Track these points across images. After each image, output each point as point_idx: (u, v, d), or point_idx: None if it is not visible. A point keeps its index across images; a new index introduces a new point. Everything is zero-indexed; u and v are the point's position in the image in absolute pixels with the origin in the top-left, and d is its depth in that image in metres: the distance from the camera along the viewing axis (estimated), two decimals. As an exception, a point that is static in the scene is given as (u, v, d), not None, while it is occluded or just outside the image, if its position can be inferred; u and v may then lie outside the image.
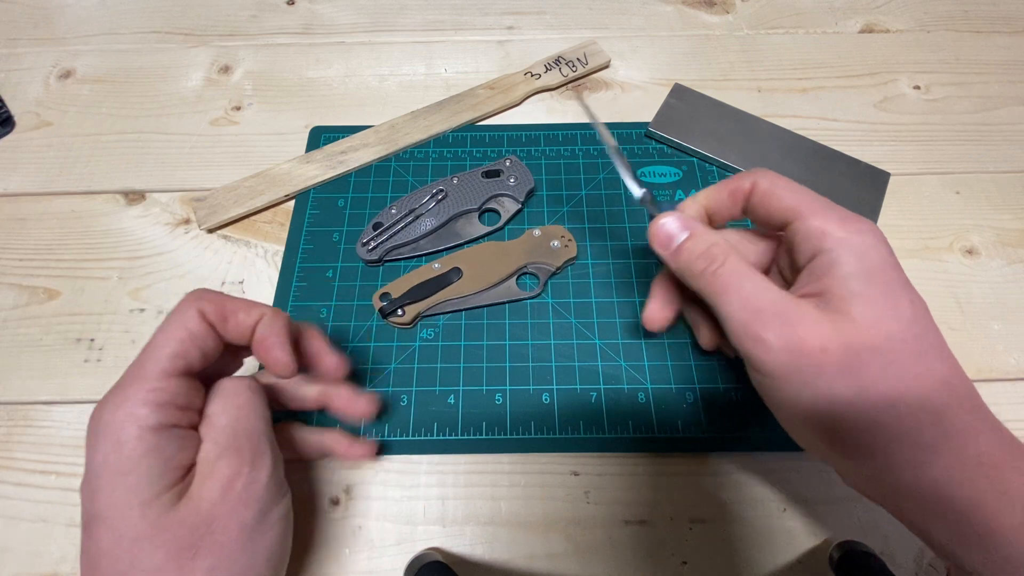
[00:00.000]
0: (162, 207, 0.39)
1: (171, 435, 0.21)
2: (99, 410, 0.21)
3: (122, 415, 0.21)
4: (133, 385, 0.21)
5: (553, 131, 0.41)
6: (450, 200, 0.37)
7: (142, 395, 0.21)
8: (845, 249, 0.22)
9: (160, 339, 0.22)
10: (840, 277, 0.21)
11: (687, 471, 0.30)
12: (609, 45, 0.46)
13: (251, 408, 0.23)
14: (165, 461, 0.21)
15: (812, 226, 0.23)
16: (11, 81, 0.45)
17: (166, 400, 0.21)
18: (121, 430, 0.20)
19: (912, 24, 0.48)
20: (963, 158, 0.40)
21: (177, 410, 0.22)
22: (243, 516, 0.21)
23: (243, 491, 0.21)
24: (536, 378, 0.32)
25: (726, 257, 0.23)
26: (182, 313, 0.23)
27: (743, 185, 0.25)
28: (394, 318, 0.33)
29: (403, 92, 0.44)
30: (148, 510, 0.20)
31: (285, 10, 0.49)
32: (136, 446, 0.20)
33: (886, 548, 0.28)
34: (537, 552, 0.28)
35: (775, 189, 0.24)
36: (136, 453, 0.20)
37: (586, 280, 0.35)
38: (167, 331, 0.23)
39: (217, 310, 0.23)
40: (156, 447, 0.21)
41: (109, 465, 0.20)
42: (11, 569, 0.28)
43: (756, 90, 0.44)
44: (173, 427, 0.21)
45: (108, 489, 0.20)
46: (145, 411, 0.21)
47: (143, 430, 0.20)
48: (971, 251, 0.37)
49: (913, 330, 0.21)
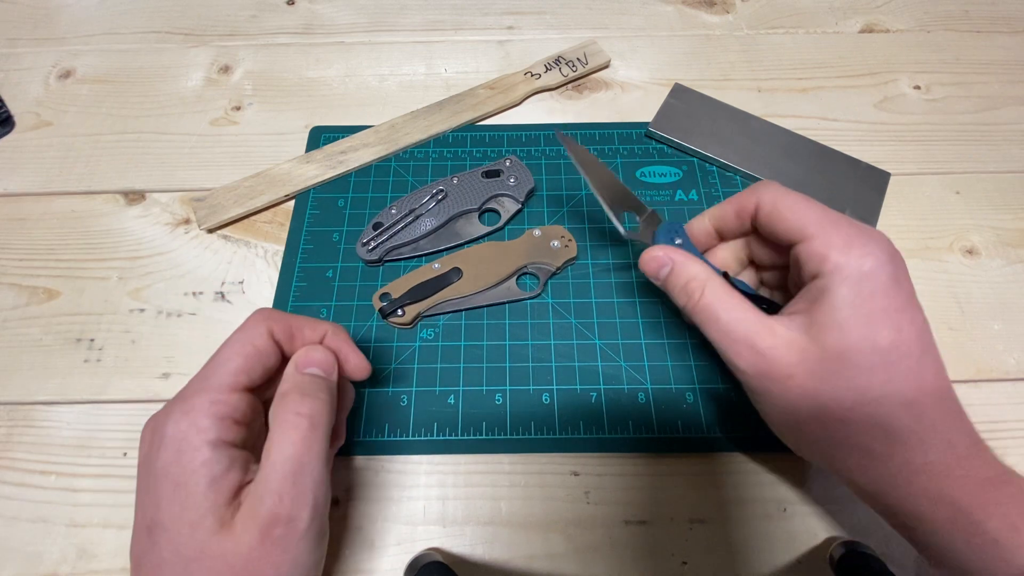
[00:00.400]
0: (162, 207, 0.39)
1: (224, 452, 0.21)
2: (163, 417, 0.21)
3: (186, 425, 0.21)
4: (198, 396, 0.21)
5: (553, 131, 0.41)
6: (450, 200, 0.37)
7: (206, 406, 0.21)
8: (839, 277, 0.22)
9: (227, 353, 0.23)
10: (828, 305, 0.23)
11: (687, 471, 0.30)
12: (609, 45, 0.46)
13: (307, 445, 0.21)
14: (212, 479, 0.20)
15: (814, 250, 0.23)
16: (11, 81, 0.45)
17: (226, 414, 0.21)
18: (183, 440, 0.21)
19: (912, 24, 0.48)
20: (963, 158, 0.40)
21: (235, 425, 0.22)
22: (280, 564, 0.20)
23: (281, 539, 0.20)
24: (536, 378, 0.32)
25: (703, 290, 0.25)
26: (250, 330, 0.23)
27: (747, 204, 0.27)
28: (394, 318, 0.33)
29: (403, 92, 0.44)
30: (196, 531, 0.20)
31: (285, 10, 0.49)
32: (193, 457, 0.20)
33: (886, 548, 0.28)
34: (537, 552, 0.28)
35: (778, 209, 0.25)
36: (192, 465, 0.20)
37: (586, 280, 0.35)
38: (234, 346, 0.23)
39: (285, 328, 0.24)
40: (208, 462, 0.20)
41: (170, 475, 0.20)
42: (11, 569, 0.28)
43: (756, 90, 0.44)
44: (229, 444, 0.21)
45: (168, 499, 0.20)
46: (208, 423, 0.21)
47: (202, 442, 0.21)
48: (971, 251, 0.37)
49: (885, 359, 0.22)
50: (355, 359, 0.26)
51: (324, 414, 0.23)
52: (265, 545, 0.20)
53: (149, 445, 0.21)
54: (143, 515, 0.21)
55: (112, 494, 0.30)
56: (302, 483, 0.21)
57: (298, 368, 0.24)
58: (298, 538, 0.21)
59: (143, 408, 0.32)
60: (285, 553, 0.20)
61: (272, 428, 0.22)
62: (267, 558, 0.20)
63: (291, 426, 0.21)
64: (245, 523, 0.20)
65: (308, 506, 0.21)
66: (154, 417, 0.22)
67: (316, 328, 0.25)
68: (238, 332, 0.23)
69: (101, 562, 0.28)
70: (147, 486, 0.21)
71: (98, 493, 0.30)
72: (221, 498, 0.20)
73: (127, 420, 0.31)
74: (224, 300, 0.35)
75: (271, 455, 0.21)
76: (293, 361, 0.24)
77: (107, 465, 0.30)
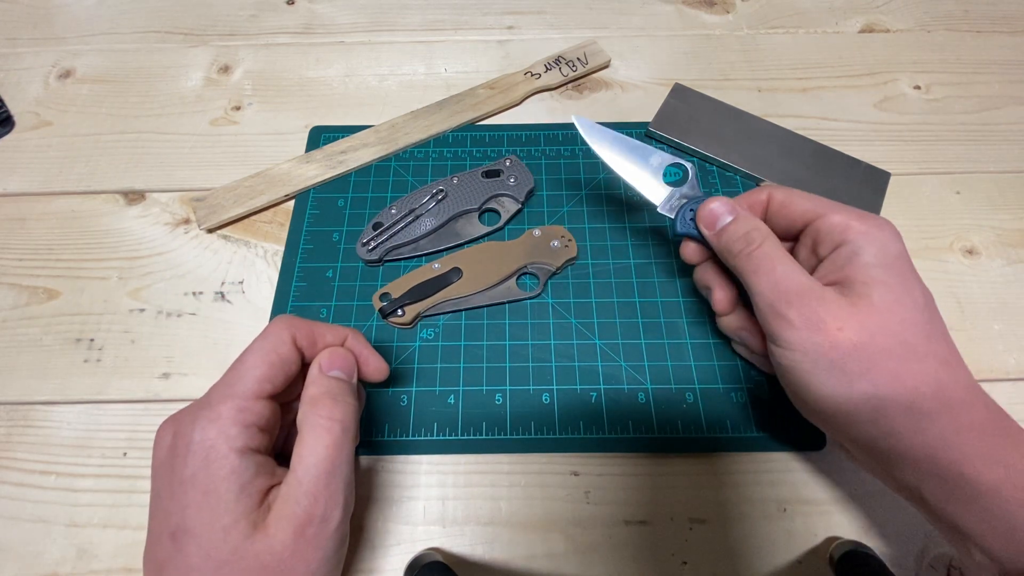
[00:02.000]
0: (162, 207, 0.39)
1: (251, 459, 0.21)
2: (188, 423, 0.21)
3: (214, 433, 0.21)
4: (224, 403, 0.22)
5: (553, 131, 0.41)
6: (450, 200, 0.37)
7: (233, 414, 0.21)
8: (866, 240, 0.24)
9: (251, 360, 0.23)
10: (862, 265, 0.24)
11: (687, 471, 0.30)
12: (609, 45, 0.46)
13: (339, 448, 0.22)
14: (242, 486, 0.21)
15: (835, 220, 0.25)
16: (11, 81, 0.45)
17: (252, 422, 0.22)
18: (212, 448, 0.21)
19: (912, 24, 0.48)
20: (963, 158, 0.40)
21: (260, 432, 0.22)
22: (311, 560, 0.21)
23: (313, 537, 0.21)
24: (536, 378, 0.32)
25: (763, 240, 0.26)
26: (273, 337, 0.23)
27: (760, 197, 0.28)
28: (394, 318, 0.33)
29: (403, 92, 0.44)
30: (229, 535, 0.20)
31: (285, 10, 0.49)
32: (222, 465, 0.21)
33: (886, 548, 0.28)
34: (537, 552, 0.28)
35: (792, 198, 0.27)
36: (221, 473, 0.20)
37: (586, 280, 0.35)
38: (257, 353, 0.23)
39: (308, 335, 0.24)
40: (236, 470, 0.21)
41: (198, 482, 0.20)
42: (11, 569, 0.28)
43: (756, 90, 0.44)
44: (254, 451, 0.22)
45: (196, 506, 0.20)
46: (235, 431, 0.21)
47: (230, 450, 0.21)
48: (971, 251, 0.37)
49: (924, 315, 0.23)
50: (375, 362, 0.26)
51: (353, 418, 0.23)
52: (298, 544, 0.21)
53: (170, 450, 0.21)
54: (165, 521, 0.21)
55: (112, 494, 0.30)
56: (334, 484, 0.22)
57: (323, 370, 0.24)
58: (329, 536, 0.21)
59: (143, 408, 0.32)
60: (317, 551, 0.21)
61: (304, 431, 0.22)
62: (300, 555, 0.21)
63: (325, 430, 0.22)
64: (279, 523, 0.21)
65: (340, 506, 0.22)
66: (174, 421, 0.22)
67: (337, 334, 0.26)
68: (262, 339, 0.24)
69: (101, 562, 0.28)
70: (170, 492, 0.21)
71: (98, 493, 0.30)
72: (252, 502, 0.21)
73: (127, 420, 0.31)
74: (224, 300, 0.35)
75: (304, 458, 0.21)
76: (317, 362, 0.24)
77: (107, 465, 0.30)
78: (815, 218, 0.26)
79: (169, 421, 0.22)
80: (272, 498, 0.21)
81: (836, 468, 0.30)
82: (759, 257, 0.25)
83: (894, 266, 0.24)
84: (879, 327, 0.23)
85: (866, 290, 0.23)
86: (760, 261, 0.25)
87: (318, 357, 0.25)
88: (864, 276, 0.23)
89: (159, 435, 0.22)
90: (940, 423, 0.22)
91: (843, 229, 0.25)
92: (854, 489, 0.29)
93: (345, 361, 0.25)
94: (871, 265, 0.24)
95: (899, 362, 0.22)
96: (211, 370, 0.33)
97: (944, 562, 0.28)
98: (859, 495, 0.29)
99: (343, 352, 0.25)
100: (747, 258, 0.25)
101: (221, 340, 0.34)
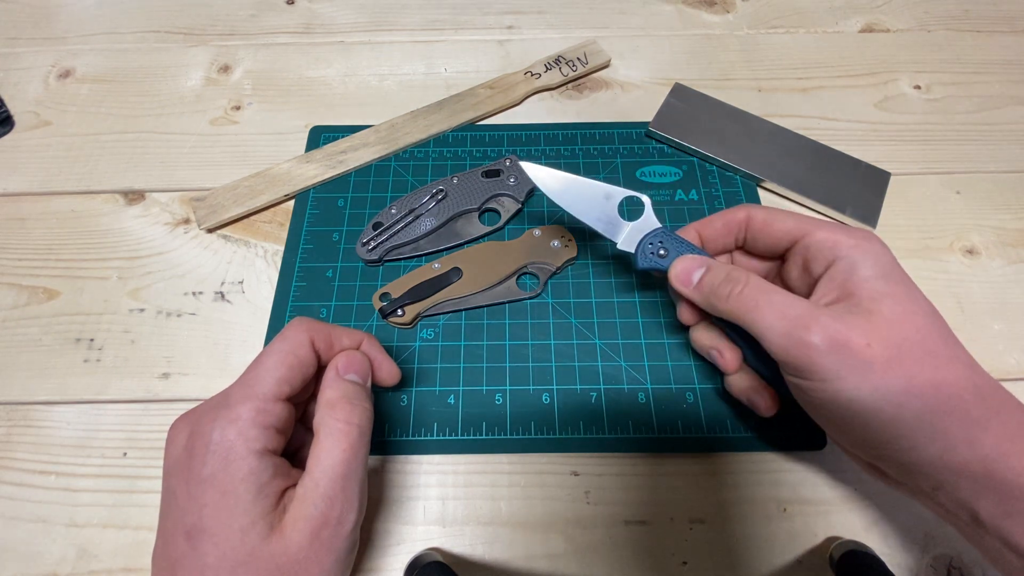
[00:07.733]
0: (162, 207, 0.39)
1: (268, 461, 0.21)
2: (206, 423, 0.21)
3: (233, 434, 0.21)
4: (243, 404, 0.21)
5: (553, 131, 0.41)
6: (450, 200, 0.37)
7: (252, 415, 0.21)
8: (860, 254, 0.24)
9: (269, 362, 0.23)
10: (862, 279, 0.23)
11: (687, 471, 0.30)
12: (609, 45, 0.46)
13: (355, 452, 0.22)
14: (260, 487, 0.21)
15: (822, 237, 0.25)
16: (11, 81, 0.44)
17: (270, 424, 0.22)
18: (231, 449, 0.21)
19: (912, 24, 0.48)
20: (963, 158, 0.40)
21: (277, 434, 0.22)
22: (324, 561, 0.21)
23: (328, 539, 0.21)
24: (536, 378, 0.32)
25: (748, 277, 0.25)
26: (292, 339, 0.23)
27: (736, 216, 0.28)
28: (394, 318, 0.33)
29: (403, 92, 0.44)
30: (246, 536, 0.20)
31: (285, 9, 0.49)
32: (241, 466, 0.21)
33: (886, 548, 0.28)
34: (537, 552, 0.28)
35: (773, 216, 0.26)
36: (240, 474, 0.21)
37: (586, 280, 0.35)
38: (276, 355, 0.23)
39: (325, 338, 0.24)
40: (255, 471, 0.21)
41: (217, 482, 0.20)
42: (11, 569, 0.28)
43: (756, 90, 0.44)
44: (271, 452, 0.22)
45: (214, 506, 0.20)
46: (255, 432, 0.21)
47: (249, 452, 0.21)
48: (971, 251, 0.37)
49: (934, 321, 0.23)
50: (388, 367, 0.27)
51: (369, 422, 0.24)
52: (313, 546, 0.21)
53: (187, 449, 0.21)
54: (180, 520, 0.21)
55: (112, 494, 0.30)
56: (350, 488, 0.22)
57: (339, 373, 0.24)
58: (343, 539, 0.22)
59: (143, 408, 0.32)
60: (330, 553, 0.21)
61: (321, 434, 0.22)
62: (314, 557, 0.21)
63: (343, 434, 0.22)
64: (295, 524, 0.21)
65: (354, 509, 0.22)
66: (189, 419, 0.22)
67: (353, 337, 0.26)
68: (280, 341, 0.23)
69: (101, 562, 0.28)
70: (187, 491, 0.21)
71: (98, 493, 0.30)
72: (269, 504, 0.21)
73: (127, 420, 0.31)
74: (224, 300, 0.35)
75: (321, 460, 0.22)
76: (333, 364, 0.24)
77: (107, 465, 0.30)
78: (800, 236, 0.25)
79: (183, 419, 0.22)
80: (287, 500, 0.21)
81: (836, 468, 0.30)
82: (752, 293, 0.24)
83: (893, 276, 0.23)
84: (902, 339, 0.22)
85: (874, 304, 0.23)
86: (756, 296, 0.24)
87: (335, 360, 0.25)
88: (868, 290, 0.23)
89: (173, 433, 0.22)
90: (992, 430, 0.21)
91: (832, 245, 0.24)
92: (854, 489, 0.29)
93: (361, 365, 0.25)
94: (871, 278, 0.23)
95: (932, 371, 0.21)
96: (211, 370, 0.33)
97: (944, 562, 0.28)
98: (859, 495, 0.29)
99: (360, 356, 0.25)
100: (739, 298, 0.24)
101: (221, 340, 0.34)
